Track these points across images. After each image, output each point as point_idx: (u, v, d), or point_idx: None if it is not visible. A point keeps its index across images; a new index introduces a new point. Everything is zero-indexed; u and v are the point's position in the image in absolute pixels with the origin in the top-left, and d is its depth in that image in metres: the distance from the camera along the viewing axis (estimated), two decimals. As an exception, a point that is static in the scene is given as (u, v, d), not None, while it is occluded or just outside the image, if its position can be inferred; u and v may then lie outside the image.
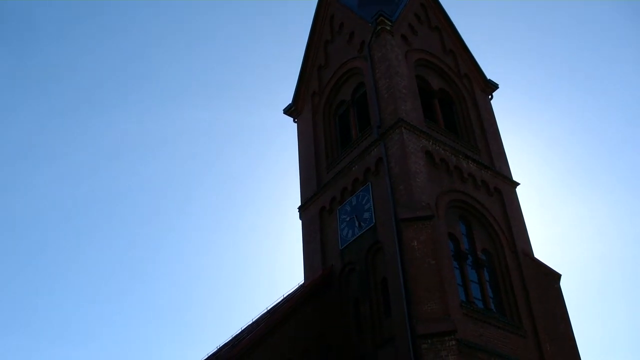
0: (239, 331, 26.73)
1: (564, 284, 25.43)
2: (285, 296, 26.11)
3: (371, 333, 22.54)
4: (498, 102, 31.95)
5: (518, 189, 27.87)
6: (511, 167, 28.62)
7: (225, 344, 25.91)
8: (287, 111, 32.32)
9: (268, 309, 26.31)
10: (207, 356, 25.28)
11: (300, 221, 28.10)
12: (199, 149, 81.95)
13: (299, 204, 28.55)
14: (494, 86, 31.55)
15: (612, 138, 73.27)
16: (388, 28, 28.10)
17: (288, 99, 32.49)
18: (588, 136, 74.76)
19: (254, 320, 26.72)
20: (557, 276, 25.44)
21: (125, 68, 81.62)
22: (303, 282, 25.98)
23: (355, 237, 24.71)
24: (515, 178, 28.14)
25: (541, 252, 33.13)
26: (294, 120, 31.97)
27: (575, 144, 74.31)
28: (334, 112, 30.14)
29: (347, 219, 25.43)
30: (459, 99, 29.67)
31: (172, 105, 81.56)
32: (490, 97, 31.25)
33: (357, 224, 24.84)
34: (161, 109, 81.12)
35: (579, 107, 73.18)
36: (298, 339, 22.95)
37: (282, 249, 79.68)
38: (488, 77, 31.58)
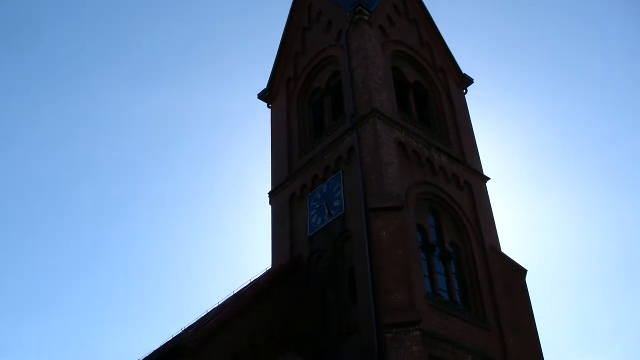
0: (204, 314, 26.72)
1: (531, 279, 25.81)
2: (252, 281, 26.13)
3: (337, 321, 22.62)
4: (472, 97, 32.08)
5: (488, 184, 28.10)
6: (482, 161, 28.86)
7: (190, 326, 25.87)
8: (262, 96, 32.22)
9: (234, 292, 26.32)
10: (171, 338, 25.21)
11: (270, 207, 28.08)
12: (169, 130, 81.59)
13: (270, 189, 28.52)
14: (468, 80, 31.70)
15: (584, 134, 74.00)
16: (366, 18, 28.09)
17: (263, 84, 32.40)
18: (560, 132, 75.31)
19: (219, 303, 26.71)
20: (523, 271, 25.73)
21: (100, 44, 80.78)
22: (270, 267, 25.99)
23: (324, 225, 24.76)
24: (486, 172, 28.36)
25: (509, 247, 33.36)
26: (268, 106, 31.87)
27: (547, 140, 74.83)
28: (308, 100, 30.11)
29: (317, 206, 25.46)
30: (433, 92, 29.78)
31: (141, 84, 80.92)
32: (464, 91, 31.40)
33: (326, 211, 24.89)
34: (130, 88, 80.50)
35: (552, 103, 73.66)
36: (263, 324, 22.98)
37: (251, 234, 79.62)
38: (463, 71, 31.73)
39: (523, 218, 72.54)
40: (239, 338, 22.16)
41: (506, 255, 25.94)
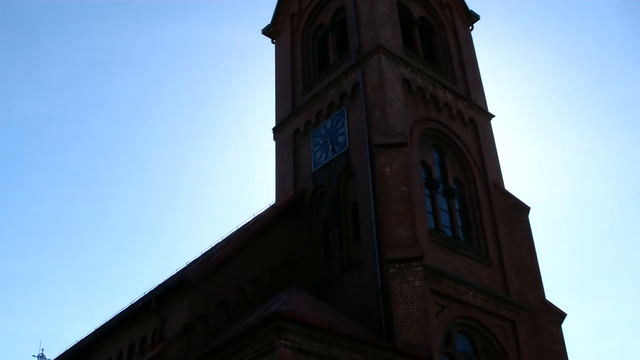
0: (208, 248, 26.92)
1: (534, 217, 25.83)
2: (255, 216, 26.25)
3: (340, 256, 22.79)
4: (478, 34, 31.79)
5: (493, 121, 27.99)
6: (487, 99, 28.69)
7: (194, 261, 26.10)
8: (266, 32, 31.89)
9: (238, 227, 26.46)
10: (175, 272, 25.47)
11: (274, 142, 28.06)
12: (172, 64, 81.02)
13: (273, 125, 28.44)
14: (475, 17, 31.31)
15: (592, 73, 73.50)
16: (371, -48, 27.61)
17: (267, 20, 32.04)
18: (567, 71, 74.81)
19: (223, 238, 26.88)
20: (526, 209, 25.79)
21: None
22: (274, 203, 26.08)
23: (328, 161, 24.77)
24: (491, 110, 28.23)
25: (512, 185, 33.37)
26: (272, 42, 31.58)
27: (553, 79, 74.36)
28: (312, 35, 29.80)
29: (321, 142, 25.43)
30: (439, 28, 29.45)
31: (145, 18, 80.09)
32: (470, 28, 31.04)
33: (330, 147, 24.87)
34: (133, 21, 79.65)
35: (560, 41, 72.96)
36: (267, 258, 23.17)
37: (255, 170, 79.74)
38: (470, 7, 31.30)
39: (527, 156, 72.39)
40: (243, 272, 22.36)
41: (509, 193, 25.99)
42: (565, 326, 24.22)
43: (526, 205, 25.88)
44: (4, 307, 71.21)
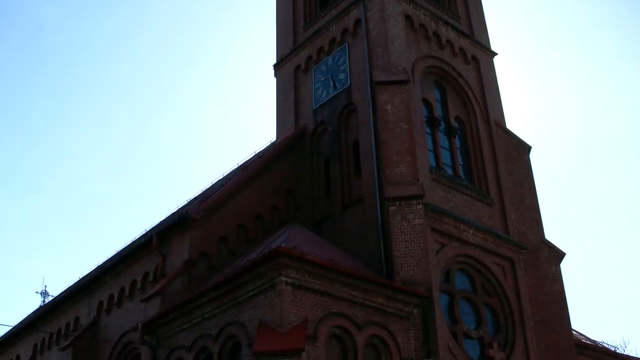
0: (209, 185, 26.95)
1: (534, 157, 25.78)
2: (256, 153, 26.21)
3: (340, 193, 22.82)
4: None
5: (495, 59, 27.71)
6: (490, 36, 28.34)
7: (196, 198, 26.15)
8: (267, -34, 31.36)
9: (239, 165, 26.46)
10: (177, 209, 25.53)
11: (274, 79, 27.83)
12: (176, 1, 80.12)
13: (274, 61, 28.17)
14: (479, -48, 30.72)
15: (596, 12, 72.65)
16: None
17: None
18: (572, 8, 73.95)
19: (224, 175, 26.89)
20: (527, 148, 25.74)
21: None
22: (275, 140, 26.01)
23: (329, 98, 24.61)
24: (493, 48, 27.92)
25: (514, 123, 33.27)
26: (273, -24, 31.05)
27: (558, 17, 73.54)
28: (314, -30, 29.28)
29: (322, 78, 25.22)
30: (442, -38, 28.92)
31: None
32: (474, -37, 30.47)
33: (331, 84, 24.68)
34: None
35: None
36: (268, 195, 23.23)
37: (255, 106, 79.52)
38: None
39: (530, 95, 72.13)
40: (244, 209, 22.44)
41: (511, 132, 25.89)
42: (564, 265, 24.44)
43: (527, 144, 25.82)
44: (7, 245, 71.82)
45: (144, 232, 24.78)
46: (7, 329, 30.62)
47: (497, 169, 24.52)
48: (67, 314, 26.43)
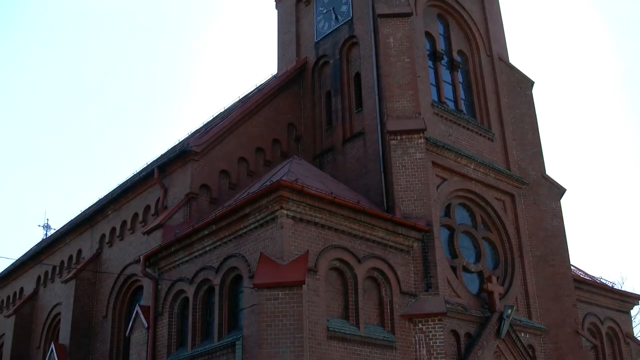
0: (210, 119, 26.87)
1: (536, 92, 25.64)
2: (257, 86, 26.06)
3: (341, 127, 22.74)
4: None
5: (499, -8, 27.28)
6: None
7: (197, 131, 26.11)
8: None
9: (240, 98, 26.32)
10: (178, 142, 25.52)
11: (275, 11, 27.46)
12: None
13: (275, -6, 27.79)
14: None
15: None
16: None
17: None
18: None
19: (225, 108, 26.79)
20: (530, 83, 25.56)
21: None
22: (276, 73, 25.81)
23: (331, 31, 24.33)
24: (497, -19, 27.46)
25: (517, 58, 32.97)
26: None
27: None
28: None
29: (324, 11, 24.90)
30: None
31: None
32: None
33: (333, 17, 24.37)
34: None
35: None
36: (269, 128, 23.19)
37: (257, 40, 78.83)
38: None
39: (534, 30, 71.36)
40: (245, 142, 22.42)
41: (514, 66, 25.66)
42: (564, 201, 24.48)
43: (530, 79, 25.64)
44: (10, 179, 71.99)
45: (145, 166, 24.80)
46: (10, 262, 30.93)
47: (500, 103, 24.39)
48: (70, 247, 26.63)
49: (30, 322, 27.94)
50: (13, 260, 30.24)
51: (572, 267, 23.76)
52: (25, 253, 32.06)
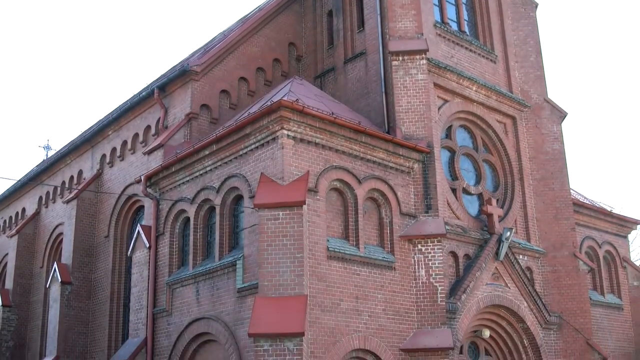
0: (211, 39, 26.60)
1: (540, 14, 25.26)
2: (259, 5, 25.68)
3: (343, 46, 22.47)
4: None
5: None
6: None
7: (197, 50, 25.89)
8: None
9: (241, 18, 25.99)
10: (179, 62, 25.32)
11: None
12: None
13: None
14: None
15: None
16: None
17: None
18: None
19: (226, 28, 26.49)
20: (534, 4, 25.17)
21: None
22: (277, -8, 25.40)
23: (333, -52, 23.84)
24: None
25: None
26: None
27: None
28: None
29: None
30: None
31: None
32: None
33: None
34: None
35: None
36: (270, 48, 22.98)
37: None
38: None
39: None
40: (246, 62, 22.23)
41: (518, -13, 25.25)
42: (565, 125, 24.37)
43: (534, 1, 25.23)
44: (10, 100, 71.75)
45: (145, 86, 24.67)
46: (12, 182, 31.02)
47: (503, 25, 24.04)
48: (71, 168, 26.68)
49: (33, 243, 28.19)
50: (14, 181, 30.34)
51: (571, 191, 23.81)
52: (27, 174, 32.15)
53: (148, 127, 22.54)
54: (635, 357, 25.40)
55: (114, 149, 24.08)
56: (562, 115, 24.00)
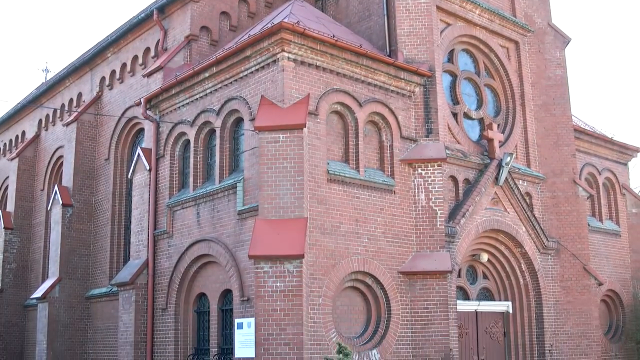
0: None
1: None
2: None
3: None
4: None
5: None
6: None
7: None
8: None
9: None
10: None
11: None
12: None
13: None
14: None
15: None
16: None
17: None
18: None
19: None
20: None
21: None
22: None
23: None
24: None
25: None
26: None
27: None
28: None
29: None
30: None
31: None
32: None
33: None
34: None
35: None
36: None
37: None
38: None
39: None
40: None
41: None
42: (569, 51, 24.11)
43: None
44: (9, 23, 70.96)
45: (145, 7, 24.32)
46: (11, 105, 30.92)
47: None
48: (70, 90, 26.54)
49: (34, 165, 28.26)
50: (14, 104, 30.22)
51: (572, 117, 23.72)
52: (26, 97, 31.99)
53: (147, 49, 22.34)
54: (632, 283, 25.70)
55: (113, 72, 23.92)
56: (565, 40, 23.72)
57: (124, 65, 23.35)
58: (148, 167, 19.73)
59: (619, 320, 25.31)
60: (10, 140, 31.01)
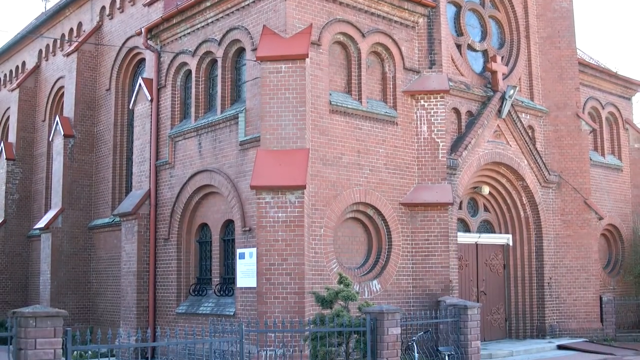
0: None
1: None
2: None
3: None
4: None
5: None
6: None
7: None
8: None
9: None
10: None
11: None
12: None
13: None
14: None
15: None
16: None
17: None
18: None
19: None
20: None
21: None
22: None
23: None
24: None
25: None
26: None
27: None
28: None
29: None
30: None
31: None
32: None
33: None
34: None
35: None
36: None
37: None
38: None
39: None
40: None
41: None
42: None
43: None
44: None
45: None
46: (11, 35, 30.61)
47: None
48: (70, 20, 26.20)
49: (34, 96, 28.08)
50: (14, 35, 29.90)
51: (577, 51, 23.48)
52: (26, 27, 31.64)
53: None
54: (632, 218, 25.79)
55: (113, 1, 23.57)
56: (571, -28, 23.33)
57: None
58: (149, 98, 19.64)
59: (618, 255, 25.47)
60: (11, 71, 30.76)
